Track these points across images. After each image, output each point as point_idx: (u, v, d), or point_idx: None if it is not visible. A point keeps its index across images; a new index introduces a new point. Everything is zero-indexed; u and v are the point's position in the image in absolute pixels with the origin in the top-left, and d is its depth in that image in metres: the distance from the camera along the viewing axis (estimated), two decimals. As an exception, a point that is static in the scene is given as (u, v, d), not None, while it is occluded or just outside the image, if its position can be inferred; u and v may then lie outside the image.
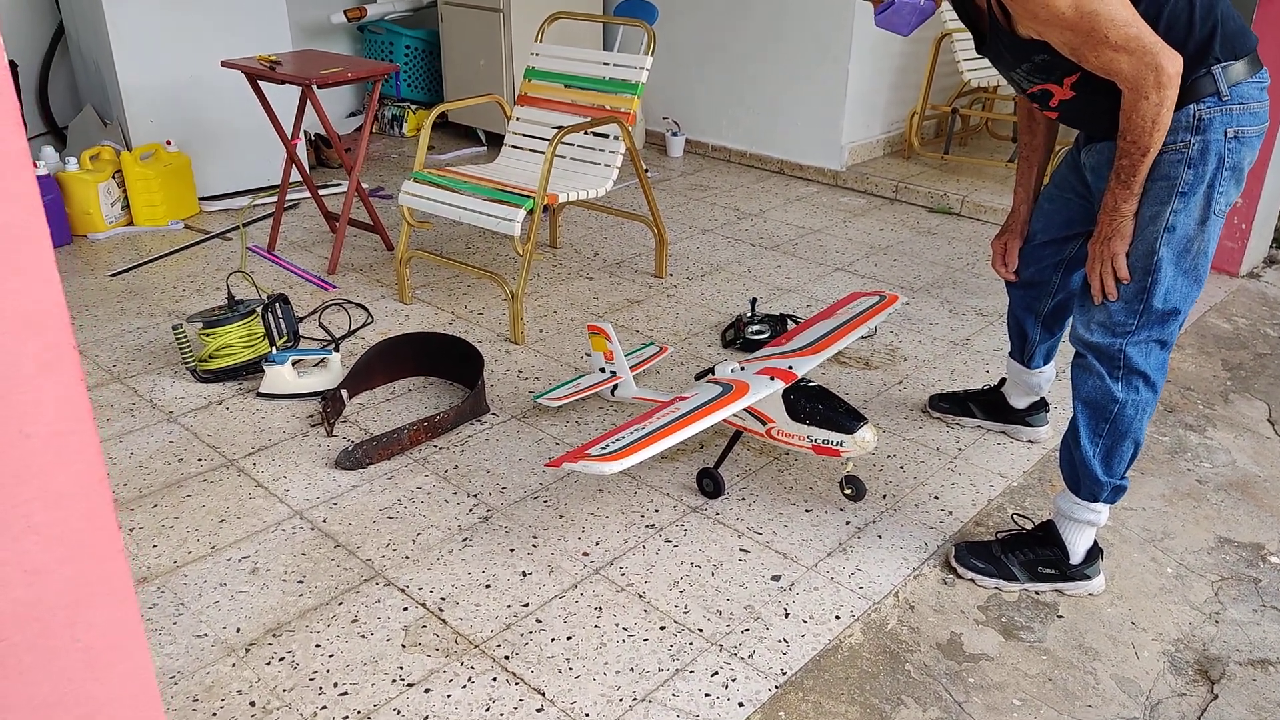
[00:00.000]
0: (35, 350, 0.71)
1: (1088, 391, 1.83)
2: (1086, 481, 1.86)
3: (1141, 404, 1.80)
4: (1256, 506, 2.20)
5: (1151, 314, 1.74)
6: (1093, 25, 1.54)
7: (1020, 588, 1.93)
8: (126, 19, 3.73)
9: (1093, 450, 1.84)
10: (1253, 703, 1.68)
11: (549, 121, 3.28)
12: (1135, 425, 1.81)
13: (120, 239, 3.76)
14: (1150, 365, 1.78)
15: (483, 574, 1.95)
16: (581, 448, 1.94)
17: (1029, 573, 1.92)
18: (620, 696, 1.66)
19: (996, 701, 1.67)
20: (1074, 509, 1.89)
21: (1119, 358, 1.78)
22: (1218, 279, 3.42)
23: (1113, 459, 1.84)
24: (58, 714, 0.78)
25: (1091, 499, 1.87)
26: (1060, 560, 1.91)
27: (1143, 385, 1.79)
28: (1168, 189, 1.68)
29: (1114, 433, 1.82)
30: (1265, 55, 3.34)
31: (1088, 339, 1.81)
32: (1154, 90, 1.55)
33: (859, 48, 4.31)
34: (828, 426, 2.05)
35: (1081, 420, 1.85)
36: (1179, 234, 1.69)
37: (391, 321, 3.06)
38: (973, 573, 1.95)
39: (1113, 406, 1.80)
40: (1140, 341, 1.76)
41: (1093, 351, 1.81)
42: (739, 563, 1.99)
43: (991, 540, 2.00)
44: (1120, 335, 1.77)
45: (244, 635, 1.79)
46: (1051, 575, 1.92)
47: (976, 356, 2.87)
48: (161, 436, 2.43)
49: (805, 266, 3.54)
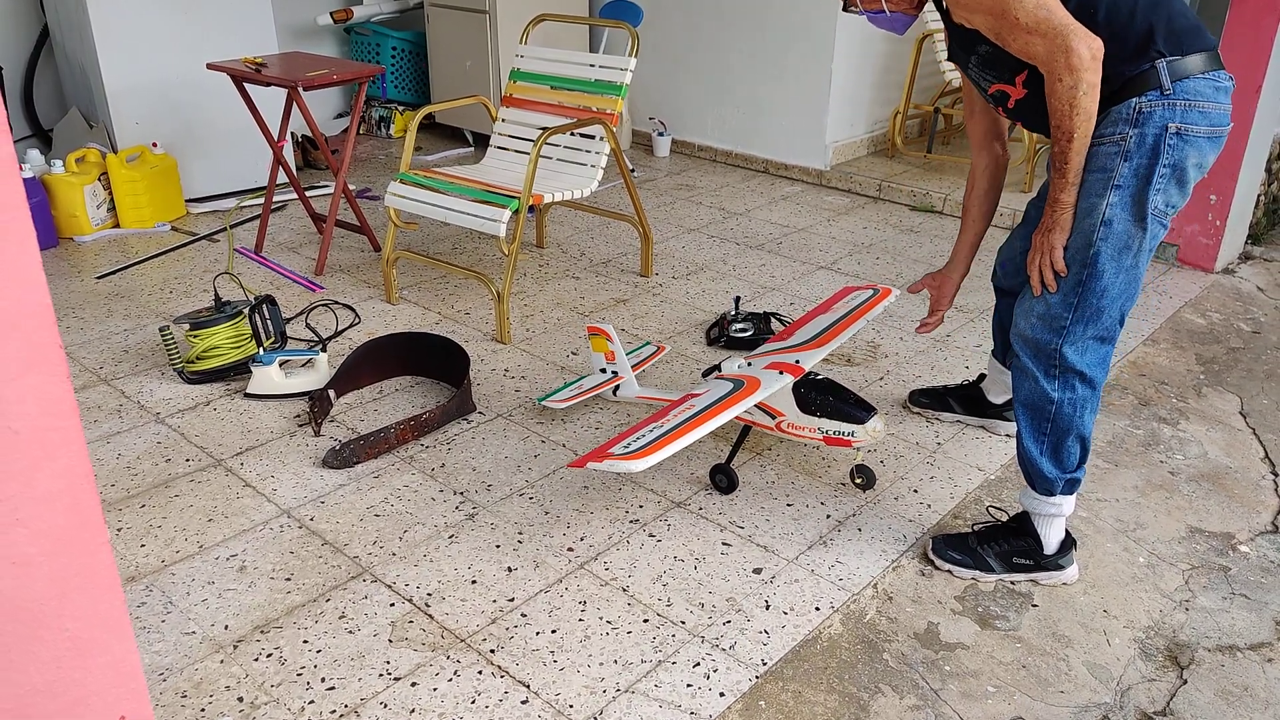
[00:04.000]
0: (20, 348, 0.73)
1: (1025, 394, 1.86)
2: (1038, 478, 1.89)
3: (1079, 401, 1.81)
4: (1227, 497, 2.25)
5: (1087, 309, 1.74)
6: (1004, 7, 1.59)
7: (996, 578, 1.97)
8: (111, 21, 3.73)
9: (1038, 449, 1.87)
10: (1220, 688, 1.72)
11: (534, 123, 3.31)
12: (1076, 422, 1.83)
13: (106, 241, 3.77)
14: (1087, 362, 1.78)
15: (469, 570, 1.98)
16: (602, 447, 1.97)
17: (1004, 563, 1.96)
18: (604, 688, 1.69)
19: (971, 689, 1.71)
20: (1035, 504, 1.93)
21: (1055, 356, 1.79)
22: (1193, 274, 3.47)
23: (1060, 455, 1.86)
24: (46, 701, 0.81)
25: (1047, 494, 1.90)
26: (1034, 550, 1.94)
27: (1079, 383, 1.80)
28: (1104, 181, 1.67)
29: (1056, 430, 1.84)
30: (1237, 57, 3.40)
31: (1027, 333, 1.82)
32: (1066, 72, 1.56)
33: (843, 48, 4.35)
34: (838, 418, 2.09)
35: (1023, 422, 1.88)
36: (1116, 229, 1.68)
37: (379, 322, 3.08)
38: (950, 564, 1.98)
39: (1049, 407, 1.82)
40: (1077, 339, 1.77)
41: (1030, 348, 1.82)
42: (721, 556, 2.02)
43: (968, 532, 2.03)
44: (1057, 331, 1.77)
45: (232, 632, 1.81)
46: (1026, 565, 1.95)
47: (957, 353, 2.91)
48: (149, 437, 2.45)
49: (789, 265, 3.58)
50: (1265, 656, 1.79)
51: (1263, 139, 3.43)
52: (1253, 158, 3.39)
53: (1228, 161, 3.33)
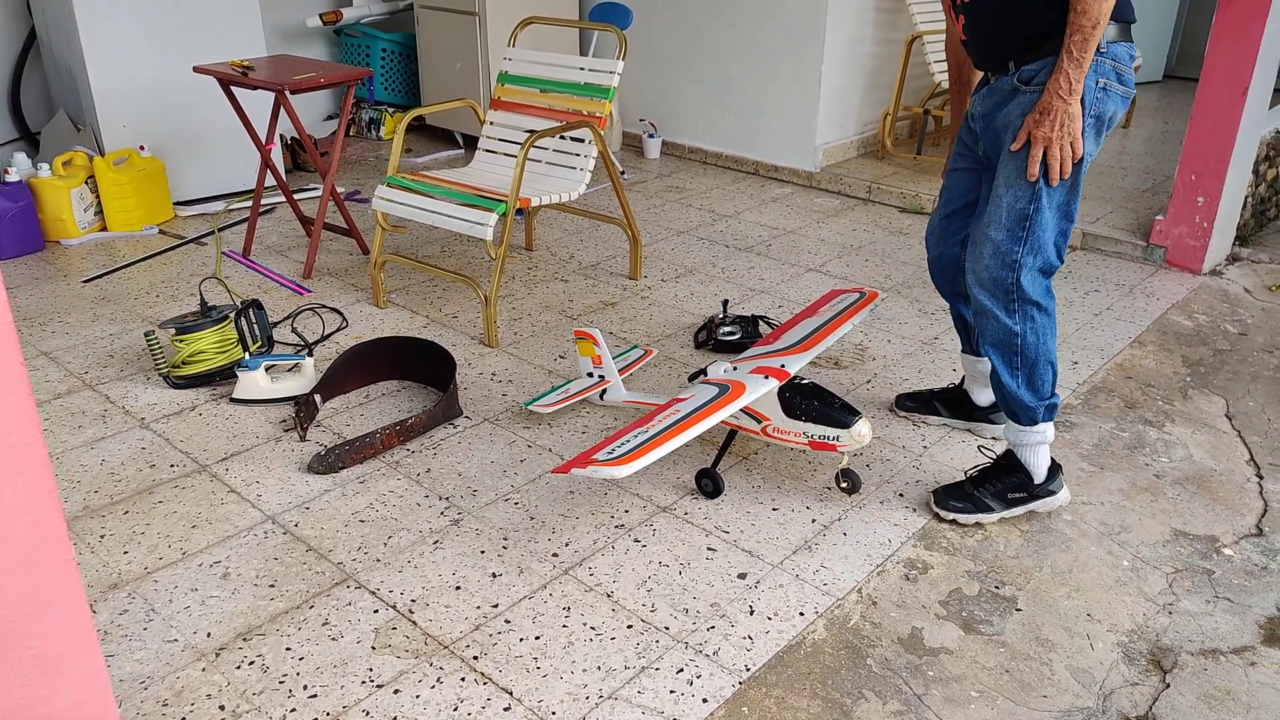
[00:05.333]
0: (-17, 366, 0.72)
1: (991, 334, 2.04)
2: (1021, 410, 2.07)
3: (1040, 329, 2.00)
4: (1212, 500, 2.25)
5: (1035, 241, 1.94)
6: None
7: (998, 517, 2.12)
8: (98, 23, 3.72)
9: (1015, 383, 2.05)
10: (1203, 692, 1.73)
11: (522, 126, 3.30)
12: (1042, 348, 2.01)
13: (94, 245, 3.76)
14: (1038, 293, 1.98)
15: (453, 576, 1.97)
16: (586, 453, 1.97)
17: (1002, 501, 2.12)
18: (586, 695, 1.69)
19: (955, 694, 1.71)
20: (1021, 435, 2.09)
21: (1013, 290, 1.97)
22: (1180, 276, 3.48)
23: (1035, 382, 2.04)
24: (13, 718, 0.80)
25: (1031, 424, 2.07)
26: (1026, 483, 2.11)
27: (1036, 313, 2.00)
28: None
29: (1026, 361, 2.03)
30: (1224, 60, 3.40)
31: (984, 275, 1.99)
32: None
33: (832, 50, 4.36)
34: (823, 422, 2.09)
35: (996, 360, 2.05)
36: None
37: (366, 326, 3.07)
38: (953, 513, 2.13)
39: (1015, 340, 2.01)
40: (1029, 270, 1.96)
41: (988, 288, 2.00)
42: (706, 561, 2.02)
43: (964, 480, 2.18)
44: (1010, 266, 1.96)
45: (214, 640, 1.81)
46: (1022, 499, 2.12)
47: (944, 355, 2.91)
48: (134, 443, 2.44)
49: (778, 267, 3.58)
50: (1248, 660, 1.79)
51: (1249, 141, 3.44)
52: (1239, 160, 3.39)
53: (1215, 163, 3.34)
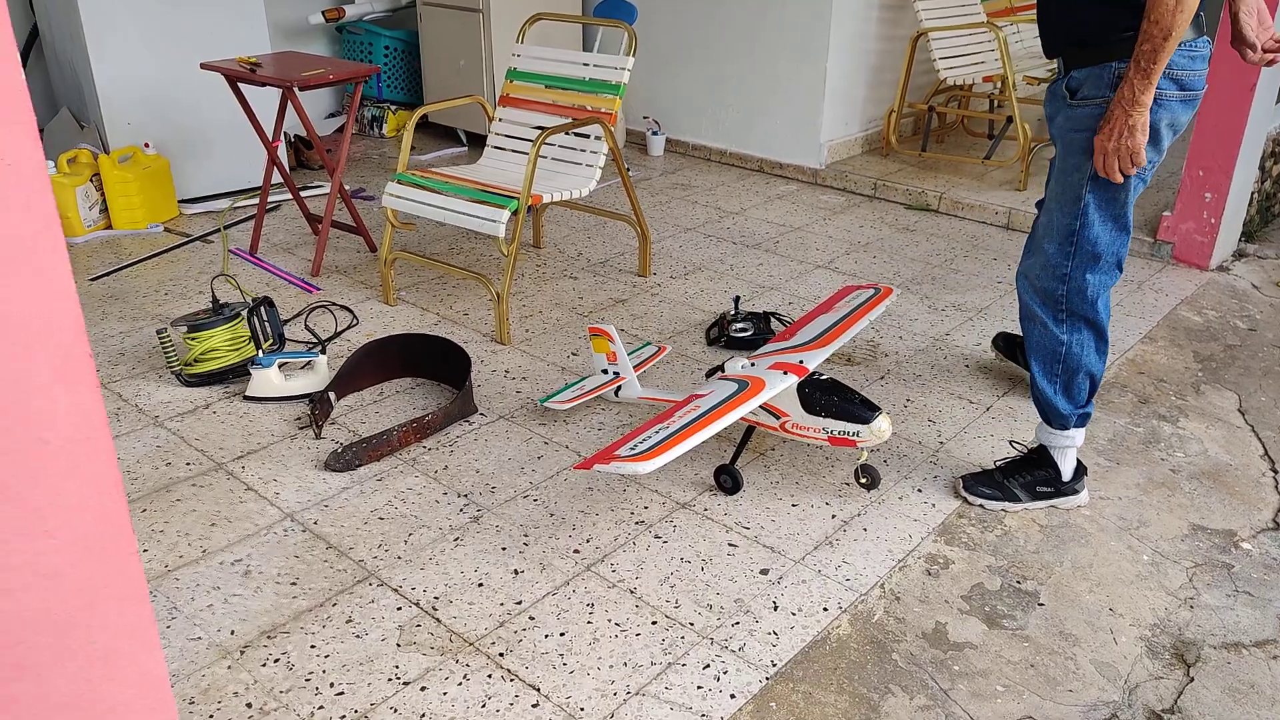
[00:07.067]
0: (51, 358, 0.72)
1: (1036, 339, 2.06)
2: (1054, 414, 2.10)
3: (1085, 342, 2.01)
4: (1228, 494, 2.26)
5: (1083, 255, 1.92)
6: None
7: (1022, 508, 2.16)
8: (102, 20, 3.70)
9: (1051, 389, 2.08)
10: (1227, 685, 1.73)
11: (531, 122, 3.30)
12: (1084, 361, 2.02)
13: (99, 243, 3.74)
14: (1086, 307, 1.98)
15: (475, 573, 1.97)
16: (608, 449, 1.96)
17: (1030, 493, 2.16)
18: (614, 690, 1.69)
19: (981, 688, 1.72)
20: (1051, 438, 2.13)
21: (1061, 301, 1.98)
22: (1188, 272, 3.49)
23: (1071, 391, 2.07)
24: (73, 714, 0.80)
25: (1062, 429, 2.11)
26: (1055, 479, 2.15)
27: (1084, 326, 2.00)
28: (1090, 140, 1.82)
29: (1066, 370, 2.05)
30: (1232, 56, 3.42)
31: (1036, 283, 2.00)
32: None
33: (837, 47, 4.36)
34: (843, 418, 2.10)
35: (1036, 365, 2.07)
36: (1102, 183, 1.85)
37: (377, 323, 3.06)
38: (981, 499, 2.17)
39: (1060, 349, 2.02)
40: (1078, 284, 1.96)
41: (1039, 296, 2.01)
42: (728, 557, 2.02)
43: (993, 469, 2.22)
44: (1060, 279, 1.97)
45: (238, 638, 1.80)
46: (1048, 493, 2.16)
47: (956, 351, 2.92)
48: (148, 441, 2.42)
49: (786, 264, 3.58)
50: (1270, 654, 1.80)
51: (1257, 137, 3.45)
52: (1247, 156, 3.41)
53: (1222, 159, 3.35)
